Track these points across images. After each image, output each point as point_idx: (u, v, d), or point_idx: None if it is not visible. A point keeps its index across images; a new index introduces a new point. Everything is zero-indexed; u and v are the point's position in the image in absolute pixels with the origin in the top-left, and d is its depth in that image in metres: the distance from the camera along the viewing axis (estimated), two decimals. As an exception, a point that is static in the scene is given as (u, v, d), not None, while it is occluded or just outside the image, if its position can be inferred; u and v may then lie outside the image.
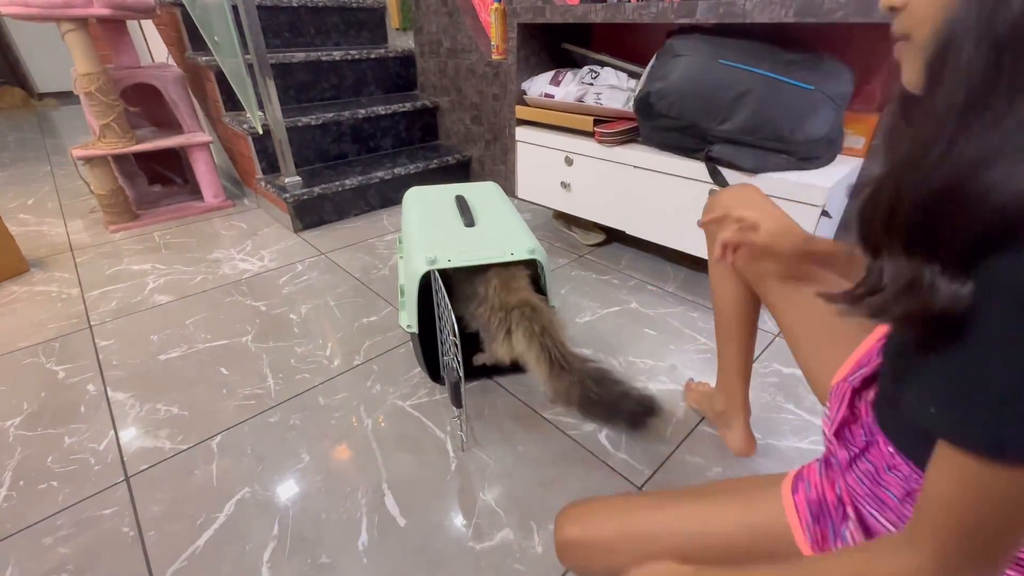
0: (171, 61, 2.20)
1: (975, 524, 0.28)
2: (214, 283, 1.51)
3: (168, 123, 2.07)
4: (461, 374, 0.82)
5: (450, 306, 0.83)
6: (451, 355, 0.82)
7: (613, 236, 1.76)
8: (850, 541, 0.44)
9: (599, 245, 1.74)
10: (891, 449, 0.41)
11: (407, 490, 0.86)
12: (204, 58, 1.91)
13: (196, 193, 2.13)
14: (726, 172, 1.17)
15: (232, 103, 2.03)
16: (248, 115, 1.83)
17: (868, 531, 0.43)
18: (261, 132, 1.82)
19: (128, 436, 0.97)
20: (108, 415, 1.02)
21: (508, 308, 0.89)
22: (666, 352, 1.19)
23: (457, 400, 0.84)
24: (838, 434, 0.47)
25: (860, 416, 0.46)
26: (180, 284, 1.51)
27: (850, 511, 0.44)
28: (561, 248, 1.72)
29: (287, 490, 0.86)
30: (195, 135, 1.99)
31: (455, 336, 0.80)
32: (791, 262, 0.66)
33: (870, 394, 0.46)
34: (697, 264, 1.57)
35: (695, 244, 1.32)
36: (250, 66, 1.74)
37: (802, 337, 0.64)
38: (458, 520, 0.81)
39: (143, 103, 2.01)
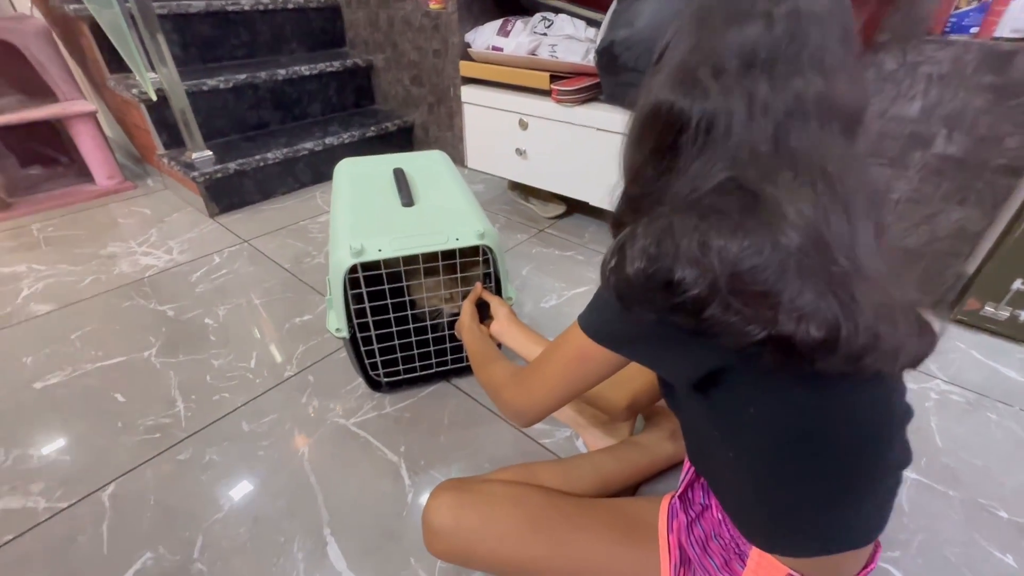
0: (35, 12, 1.81)
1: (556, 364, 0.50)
2: (108, 285, 1.26)
3: (40, 90, 1.71)
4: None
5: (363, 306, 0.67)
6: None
7: (574, 206, 1.62)
8: None
9: (560, 217, 1.59)
10: (720, 516, 0.50)
11: (355, 534, 0.71)
12: (73, 6, 1.56)
13: (85, 174, 1.79)
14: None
15: (118, 63, 1.69)
16: (137, 78, 1.52)
17: None
18: (155, 98, 1.52)
19: (-11, 495, 0.76)
20: (-38, 468, 0.80)
21: None
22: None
23: None
24: (683, 496, 0.54)
25: (701, 477, 0.54)
26: (64, 288, 1.25)
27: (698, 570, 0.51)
28: (519, 222, 1.57)
29: (204, 550, 0.69)
30: (74, 103, 1.65)
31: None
32: None
33: None
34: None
35: (666, 214, 1.20)
36: (132, 17, 1.43)
37: None
38: (420, 568, 0.68)
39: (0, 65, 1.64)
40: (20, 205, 1.63)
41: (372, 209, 0.87)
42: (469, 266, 0.85)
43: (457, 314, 0.83)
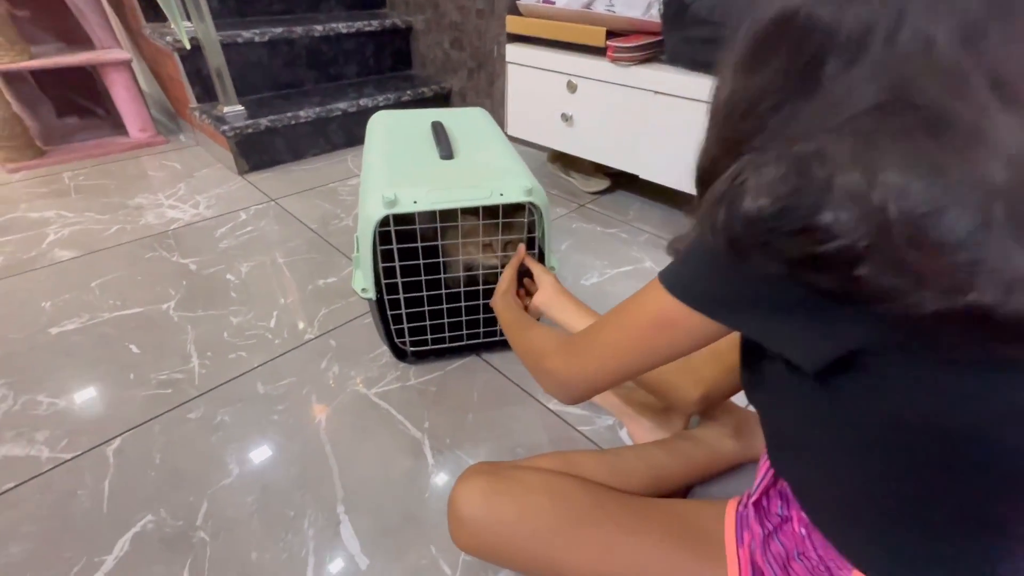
0: (76, -43, 1.77)
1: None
2: (133, 235, 1.22)
3: (77, 37, 1.68)
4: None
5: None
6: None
7: (618, 182, 1.51)
8: None
9: (602, 193, 1.49)
10: (803, 531, 0.42)
11: (371, 514, 0.65)
12: (111, -51, 1.51)
13: (119, 127, 1.77)
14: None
15: (155, 11, 1.64)
16: (172, 26, 1.47)
17: None
18: (188, 47, 1.47)
19: (-6, 440, 0.72)
20: (-29, 410, 0.77)
21: None
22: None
23: None
24: (757, 504, 0.46)
25: (779, 482, 0.46)
26: (89, 236, 1.21)
27: None
28: (558, 196, 1.46)
29: (207, 517, 0.64)
30: (109, 51, 1.62)
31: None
32: None
33: None
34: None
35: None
36: (169, -41, 1.37)
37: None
38: (440, 558, 0.60)
39: (38, 8, 1.61)
40: (54, 153, 1.61)
41: (408, 160, 0.79)
42: (510, 228, 0.77)
43: (494, 283, 0.74)
